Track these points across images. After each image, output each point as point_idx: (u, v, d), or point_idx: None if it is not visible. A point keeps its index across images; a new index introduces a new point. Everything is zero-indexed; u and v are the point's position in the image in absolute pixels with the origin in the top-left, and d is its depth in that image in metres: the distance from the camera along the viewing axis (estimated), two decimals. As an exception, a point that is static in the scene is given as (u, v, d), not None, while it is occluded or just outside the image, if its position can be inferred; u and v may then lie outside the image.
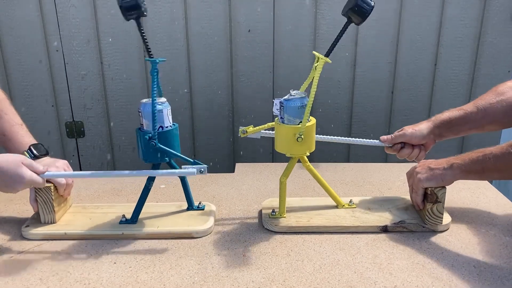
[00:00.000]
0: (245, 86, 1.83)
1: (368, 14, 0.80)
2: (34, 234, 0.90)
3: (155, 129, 0.86)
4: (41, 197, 0.91)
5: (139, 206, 0.94)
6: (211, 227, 0.92)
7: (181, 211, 0.99)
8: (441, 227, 0.92)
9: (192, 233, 0.90)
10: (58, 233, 0.90)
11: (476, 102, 0.99)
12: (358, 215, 0.95)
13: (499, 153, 0.84)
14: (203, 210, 0.99)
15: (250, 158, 1.92)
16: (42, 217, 0.93)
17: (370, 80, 1.84)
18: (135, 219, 0.93)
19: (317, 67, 0.85)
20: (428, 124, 0.99)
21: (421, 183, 0.91)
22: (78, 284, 0.75)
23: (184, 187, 0.98)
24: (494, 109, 0.97)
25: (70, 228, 0.91)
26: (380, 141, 1.01)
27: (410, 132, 0.98)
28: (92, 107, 1.82)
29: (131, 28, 1.71)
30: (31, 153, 0.96)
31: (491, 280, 0.75)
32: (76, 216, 0.97)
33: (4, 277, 0.77)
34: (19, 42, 1.71)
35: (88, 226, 0.92)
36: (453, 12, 1.74)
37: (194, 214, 0.97)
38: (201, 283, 0.75)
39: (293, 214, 0.96)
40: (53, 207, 0.92)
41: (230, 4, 1.71)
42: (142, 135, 0.87)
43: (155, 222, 0.93)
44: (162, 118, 0.87)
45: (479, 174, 0.88)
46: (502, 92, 0.98)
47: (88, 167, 1.91)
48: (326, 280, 0.76)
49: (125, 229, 0.91)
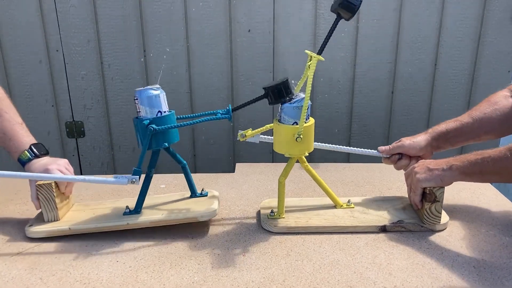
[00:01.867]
0: (245, 86, 1.83)
1: (357, 9, 0.81)
2: (38, 232, 0.89)
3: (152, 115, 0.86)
4: (43, 195, 0.90)
5: (141, 196, 0.93)
6: (216, 209, 0.92)
7: (185, 198, 0.99)
8: (439, 227, 0.92)
9: (198, 216, 0.90)
10: (62, 228, 0.89)
11: (471, 113, 1.02)
12: (356, 215, 0.95)
13: (497, 156, 0.85)
14: (206, 196, 0.99)
15: (250, 158, 1.92)
16: (45, 215, 0.91)
17: (370, 80, 1.84)
18: (139, 209, 0.92)
19: (311, 65, 0.85)
20: (426, 136, 1.01)
21: (420, 183, 0.91)
22: (78, 283, 0.75)
23: (186, 175, 0.98)
24: (489, 119, 0.99)
25: (74, 223, 0.90)
26: (378, 152, 1.03)
27: (408, 143, 1.00)
28: (92, 107, 1.82)
29: (131, 28, 1.71)
30: (32, 153, 0.95)
31: (491, 280, 0.75)
32: (79, 213, 0.96)
33: (4, 277, 0.77)
34: (19, 42, 1.71)
35: (92, 220, 0.91)
36: (453, 12, 1.75)
37: (198, 200, 0.97)
38: (201, 282, 0.75)
39: (292, 214, 0.96)
40: (55, 204, 0.91)
41: (230, 4, 1.72)
42: (139, 122, 0.87)
43: (159, 211, 0.93)
44: (159, 103, 0.88)
45: (478, 176, 0.89)
46: (495, 102, 1.01)
47: (88, 167, 1.91)
48: (326, 280, 0.76)
49: (129, 219, 0.90)
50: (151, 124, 0.86)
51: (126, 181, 0.87)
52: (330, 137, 1.90)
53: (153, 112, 0.87)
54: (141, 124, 0.86)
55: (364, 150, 1.03)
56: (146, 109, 0.87)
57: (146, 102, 0.87)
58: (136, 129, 0.89)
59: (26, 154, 0.95)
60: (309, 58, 0.86)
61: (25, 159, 0.95)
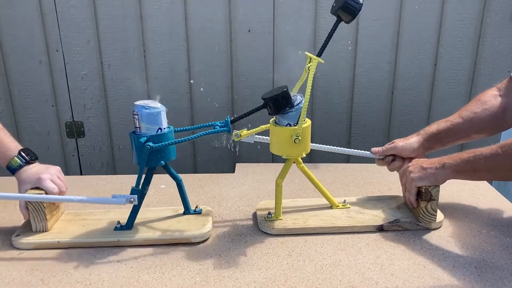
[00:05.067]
0: (245, 86, 1.82)
1: (357, 12, 0.80)
2: (26, 244, 0.86)
3: None
4: (32, 205, 0.87)
5: (134, 212, 0.90)
6: (209, 231, 0.90)
7: (178, 215, 0.96)
8: (435, 225, 0.92)
9: (190, 238, 0.88)
10: (51, 242, 0.86)
11: (461, 113, 1.03)
12: (353, 215, 0.96)
13: (488, 154, 0.85)
14: (200, 214, 0.97)
15: (250, 158, 1.92)
16: (33, 225, 0.88)
17: (370, 80, 1.84)
18: (130, 225, 0.90)
19: (310, 67, 0.84)
20: (418, 138, 1.02)
21: (414, 182, 0.91)
22: (79, 284, 0.75)
23: (180, 191, 0.96)
24: (479, 118, 1.01)
25: (63, 236, 0.87)
26: (372, 153, 1.04)
27: (401, 145, 1.01)
28: (92, 107, 1.82)
29: (131, 28, 1.71)
30: (22, 159, 0.92)
31: (492, 281, 0.75)
32: (68, 224, 0.93)
33: (5, 278, 0.77)
34: (19, 42, 1.71)
35: (82, 234, 0.88)
36: (453, 12, 1.75)
37: (191, 218, 0.95)
38: (203, 283, 0.75)
39: (289, 215, 0.96)
40: (45, 215, 0.88)
41: (230, 4, 1.71)
42: (137, 139, 0.84)
43: (151, 228, 0.90)
44: (160, 120, 0.86)
45: (470, 174, 0.89)
46: (485, 101, 1.02)
47: (88, 167, 1.91)
48: (328, 280, 0.76)
49: (120, 236, 0.87)
50: (148, 142, 0.84)
51: (124, 201, 0.84)
52: (330, 137, 1.90)
53: (153, 129, 0.85)
54: (138, 141, 0.84)
55: (357, 151, 1.04)
56: (146, 125, 0.84)
57: (146, 118, 0.84)
58: (132, 145, 0.86)
59: (17, 160, 0.91)
60: (309, 59, 0.85)
61: (16, 166, 0.91)
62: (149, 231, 0.89)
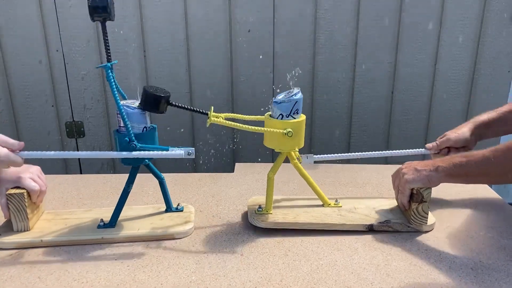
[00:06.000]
0: (245, 86, 1.83)
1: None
2: (7, 243, 0.85)
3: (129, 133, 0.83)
4: (14, 205, 0.86)
5: (117, 210, 0.91)
6: (191, 228, 0.91)
7: (160, 212, 0.97)
8: (426, 228, 0.92)
9: (174, 234, 0.89)
10: (34, 240, 0.85)
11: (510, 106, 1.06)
12: (344, 213, 0.96)
13: (480, 158, 0.85)
14: (181, 211, 0.98)
15: (250, 158, 1.92)
16: (14, 225, 0.88)
17: (370, 80, 1.84)
18: (113, 223, 0.90)
19: None
20: (469, 126, 1.05)
21: (408, 184, 0.91)
22: (76, 282, 0.75)
23: (162, 189, 0.96)
24: None
25: (46, 235, 0.87)
26: (426, 149, 1.06)
27: (455, 136, 1.03)
28: (92, 107, 1.83)
29: (131, 28, 1.71)
30: None
31: (489, 282, 0.75)
32: (50, 223, 0.92)
33: (2, 276, 0.77)
34: (19, 42, 1.72)
35: (64, 232, 0.88)
36: (453, 12, 1.74)
37: (173, 215, 0.96)
38: (198, 282, 0.75)
39: (279, 210, 0.96)
40: (26, 214, 0.87)
41: (230, 4, 1.72)
42: (122, 137, 0.84)
43: (134, 225, 0.91)
44: (145, 119, 0.86)
45: (463, 178, 0.89)
46: None
47: (88, 167, 1.91)
48: (323, 280, 0.76)
49: (104, 233, 0.88)
50: (133, 141, 0.84)
51: (183, 154, 0.83)
52: (330, 137, 1.90)
53: (140, 128, 0.85)
54: (124, 140, 0.84)
55: (408, 151, 1.06)
56: (133, 124, 0.84)
57: (135, 117, 0.84)
58: (116, 144, 0.86)
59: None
60: None
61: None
62: (133, 229, 0.90)
